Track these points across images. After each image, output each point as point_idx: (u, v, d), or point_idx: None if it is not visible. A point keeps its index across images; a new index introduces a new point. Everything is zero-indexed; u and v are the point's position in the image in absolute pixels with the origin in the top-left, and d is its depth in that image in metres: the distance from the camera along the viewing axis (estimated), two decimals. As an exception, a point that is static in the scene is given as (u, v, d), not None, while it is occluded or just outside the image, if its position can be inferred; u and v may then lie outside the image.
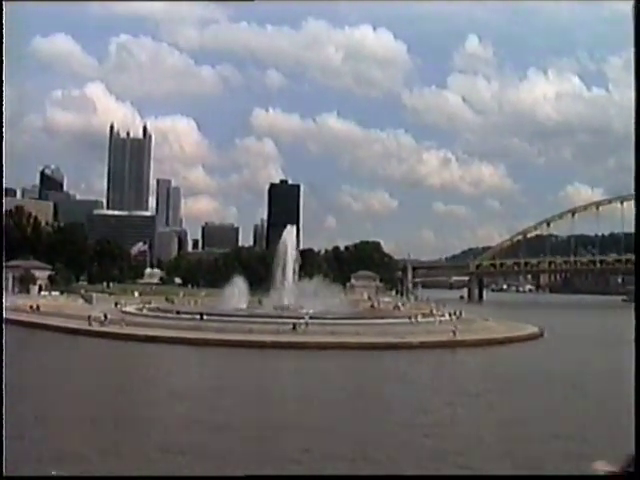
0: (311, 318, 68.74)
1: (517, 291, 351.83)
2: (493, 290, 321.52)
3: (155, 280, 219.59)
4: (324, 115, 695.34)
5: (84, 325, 69.29)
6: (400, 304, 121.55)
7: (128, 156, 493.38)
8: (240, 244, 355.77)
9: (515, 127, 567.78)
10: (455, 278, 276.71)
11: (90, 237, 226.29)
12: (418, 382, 44.39)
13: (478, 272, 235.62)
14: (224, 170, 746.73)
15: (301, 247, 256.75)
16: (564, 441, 27.34)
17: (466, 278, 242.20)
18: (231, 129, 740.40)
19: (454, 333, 64.84)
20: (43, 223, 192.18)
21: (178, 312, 77.72)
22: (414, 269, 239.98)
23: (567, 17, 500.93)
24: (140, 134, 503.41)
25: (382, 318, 78.22)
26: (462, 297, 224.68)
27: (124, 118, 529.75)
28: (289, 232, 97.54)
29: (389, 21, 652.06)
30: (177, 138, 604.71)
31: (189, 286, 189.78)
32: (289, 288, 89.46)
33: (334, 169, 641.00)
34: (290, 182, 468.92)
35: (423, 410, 35.02)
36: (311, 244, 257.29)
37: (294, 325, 65.39)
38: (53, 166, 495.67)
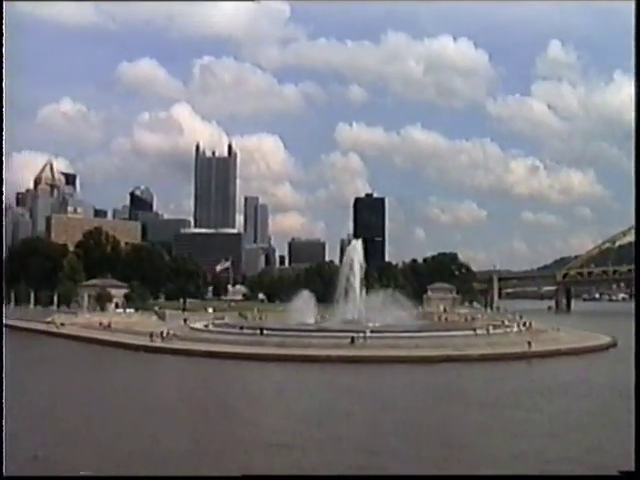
0: (372, 332, 67.74)
1: (610, 300, 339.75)
2: (585, 300, 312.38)
3: (238, 297, 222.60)
4: (408, 127, 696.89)
5: (146, 341, 70.11)
6: (479, 315, 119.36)
7: (214, 175, 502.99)
8: (327, 259, 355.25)
9: (603, 132, 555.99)
10: (546, 288, 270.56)
11: (176, 255, 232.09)
12: (454, 395, 43.07)
13: (565, 281, 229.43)
14: (311, 186, 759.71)
15: (387, 260, 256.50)
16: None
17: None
18: (316, 145, 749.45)
19: (529, 344, 62.99)
20: (124, 243, 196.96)
21: (241, 327, 77.90)
22: (500, 280, 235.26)
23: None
24: (225, 153, 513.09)
25: (446, 331, 76.26)
26: (550, 307, 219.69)
27: (210, 138, 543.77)
28: (354, 247, 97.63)
29: (469, 30, 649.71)
30: (263, 156, 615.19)
31: (271, 301, 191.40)
32: (356, 302, 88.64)
33: (420, 181, 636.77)
34: (376, 195, 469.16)
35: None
36: (398, 257, 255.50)
37: (352, 339, 64.34)
38: (142, 187, 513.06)
